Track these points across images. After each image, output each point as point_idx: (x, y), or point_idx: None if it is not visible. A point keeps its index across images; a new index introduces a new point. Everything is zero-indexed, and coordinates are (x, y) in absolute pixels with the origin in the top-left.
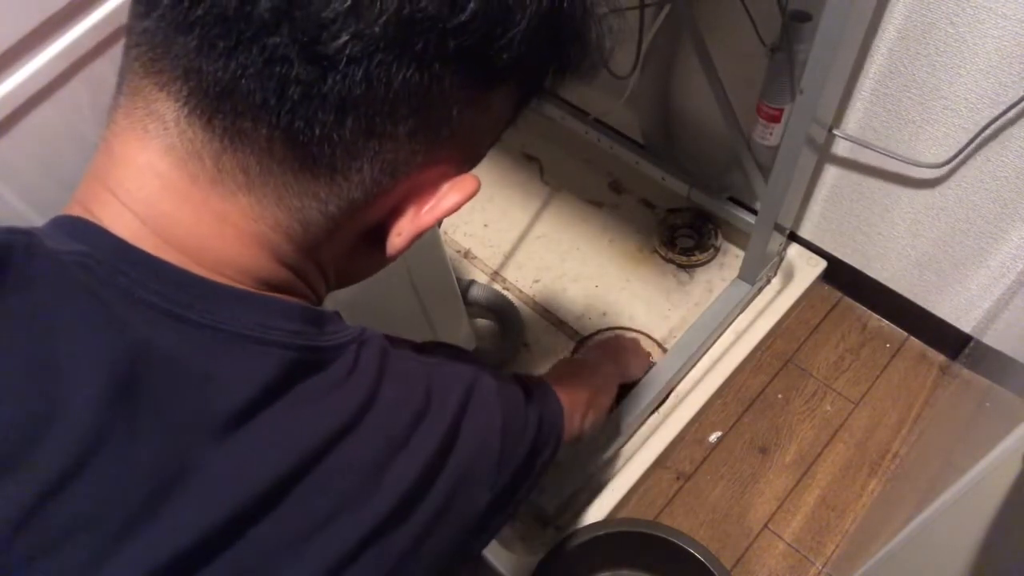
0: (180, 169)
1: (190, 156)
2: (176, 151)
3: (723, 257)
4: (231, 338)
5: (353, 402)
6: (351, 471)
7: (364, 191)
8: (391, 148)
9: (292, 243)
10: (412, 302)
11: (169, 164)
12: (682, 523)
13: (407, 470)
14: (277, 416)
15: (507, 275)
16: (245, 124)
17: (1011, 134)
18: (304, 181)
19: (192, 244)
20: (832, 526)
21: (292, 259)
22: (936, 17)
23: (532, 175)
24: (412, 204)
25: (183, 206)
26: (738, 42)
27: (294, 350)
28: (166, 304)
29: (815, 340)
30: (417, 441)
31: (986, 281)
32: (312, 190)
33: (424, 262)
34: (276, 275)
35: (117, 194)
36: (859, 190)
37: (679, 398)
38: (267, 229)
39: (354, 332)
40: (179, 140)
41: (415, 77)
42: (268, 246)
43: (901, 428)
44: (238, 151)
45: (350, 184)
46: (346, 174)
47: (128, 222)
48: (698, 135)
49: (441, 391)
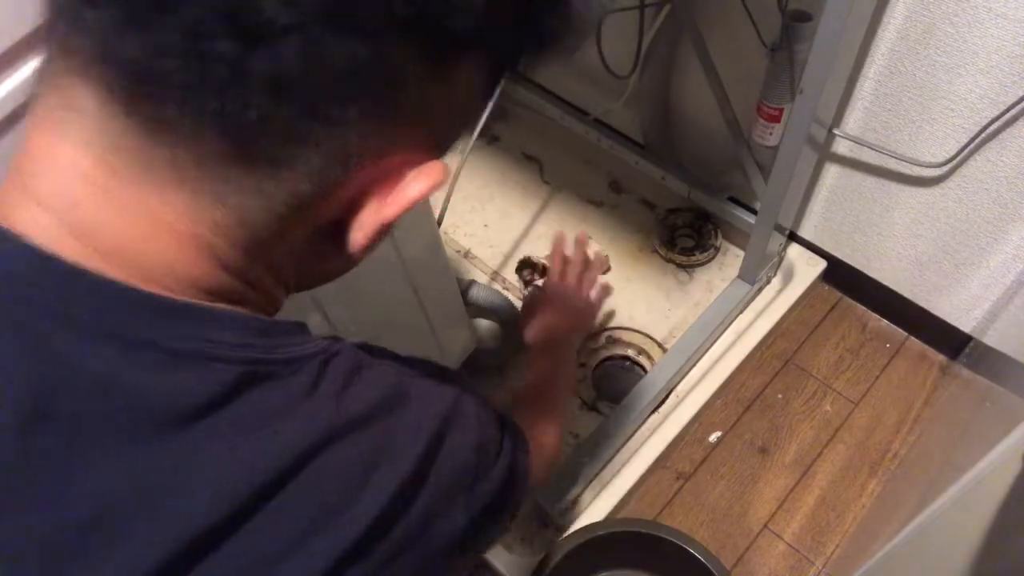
0: (102, 165)
1: (112, 150)
2: (97, 145)
3: (723, 257)
4: (169, 355)
5: (317, 421)
6: (313, 496)
7: (313, 183)
8: (340, 133)
9: (235, 246)
10: (412, 303)
11: (90, 160)
12: (682, 523)
13: (378, 494)
14: (227, 437)
15: (507, 275)
16: (169, 111)
17: (1011, 134)
18: (242, 174)
19: (120, 250)
20: (832, 526)
21: (238, 264)
22: (936, 17)
23: (532, 175)
24: (374, 196)
25: (107, 207)
26: (738, 42)
27: (239, 364)
28: (95, 320)
29: (815, 340)
30: (388, 462)
31: (986, 281)
32: (252, 185)
33: (424, 263)
34: (220, 283)
35: (35, 195)
36: (859, 190)
37: (679, 398)
38: (205, 231)
39: (318, 345)
40: (99, 132)
41: (360, 50)
42: (208, 250)
43: (901, 428)
44: (165, 142)
45: (296, 176)
46: (290, 165)
47: (47, 227)
48: (698, 135)
49: (418, 410)
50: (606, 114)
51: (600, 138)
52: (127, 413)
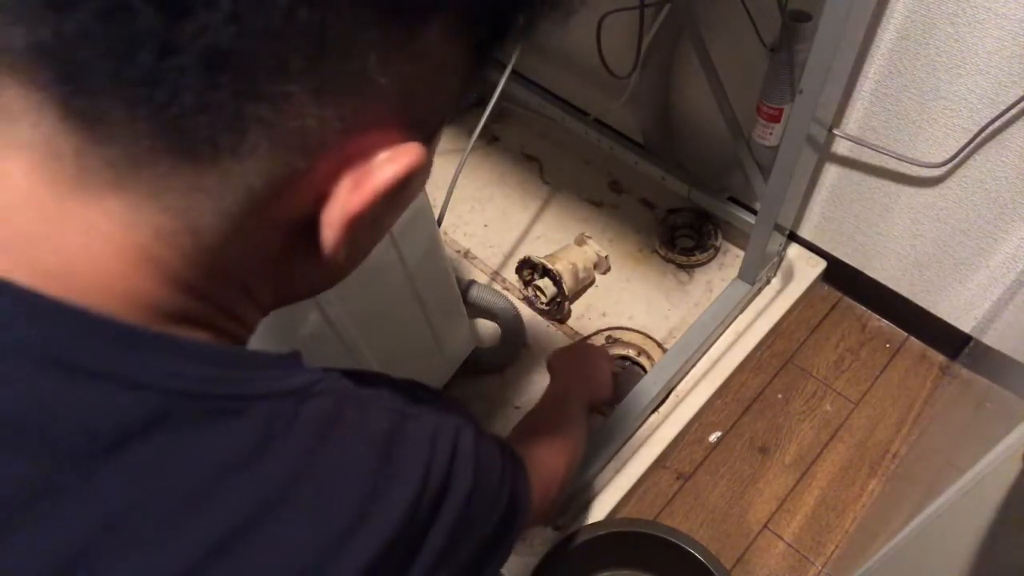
0: (37, 174)
1: (48, 156)
2: (30, 151)
3: (723, 257)
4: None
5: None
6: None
7: (266, 176)
8: (291, 114)
9: (185, 257)
10: (412, 303)
11: (24, 168)
12: (682, 523)
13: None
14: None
15: (507, 275)
16: (101, 103)
17: (1011, 134)
18: (184, 170)
19: (57, 268)
20: (832, 526)
21: (189, 278)
22: (936, 17)
23: (532, 175)
24: (342, 186)
25: (43, 220)
26: (738, 42)
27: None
28: (36, 346)
29: (815, 340)
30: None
31: (986, 281)
32: (196, 182)
33: (424, 263)
34: (170, 302)
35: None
36: (859, 190)
37: (679, 398)
38: (147, 239)
39: (306, 379)
40: (32, 136)
41: (302, 13)
42: (154, 264)
43: (901, 428)
44: (101, 142)
45: (244, 168)
46: (236, 154)
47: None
48: (698, 135)
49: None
50: (606, 114)
51: (600, 138)
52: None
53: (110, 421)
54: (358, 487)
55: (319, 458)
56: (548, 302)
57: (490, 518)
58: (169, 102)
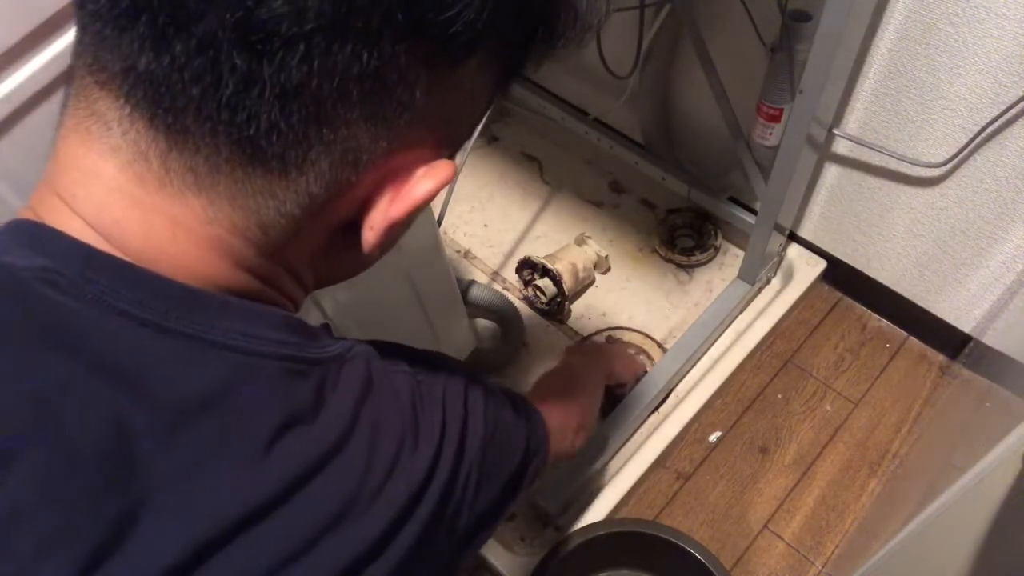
0: (126, 172)
1: (136, 158)
2: (121, 153)
3: (723, 257)
4: (212, 348)
5: (337, 424)
6: (333, 496)
7: (324, 186)
8: (347, 136)
9: (253, 247)
10: (412, 303)
11: (115, 167)
12: (682, 523)
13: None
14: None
15: (507, 275)
16: (187, 120)
17: (1011, 134)
18: (256, 179)
19: (146, 251)
20: (832, 526)
21: (255, 264)
22: (936, 17)
23: (532, 175)
24: (385, 195)
25: (132, 211)
26: (738, 42)
27: (277, 360)
28: (142, 313)
29: (815, 340)
30: (403, 463)
31: (986, 281)
32: (266, 188)
33: (424, 263)
34: (239, 282)
35: (66, 200)
36: (859, 190)
37: (679, 398)
38: (223, 233)
39: (342, 347)
40: (123, 141)
41: (363, 57)
42: (227, 251)
43: (901, 428)
44: (184, 150)
45: (307, 179)
46: (300, 168)
47: (78, 229)
48: (698, 135)
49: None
50: (606, 114)
51: (600, 138)
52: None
53: (203, 375)
54: (393, 443)
55: (361, 417)
56: (548, 302)
57: (509, 463)
58: (247, 123)
